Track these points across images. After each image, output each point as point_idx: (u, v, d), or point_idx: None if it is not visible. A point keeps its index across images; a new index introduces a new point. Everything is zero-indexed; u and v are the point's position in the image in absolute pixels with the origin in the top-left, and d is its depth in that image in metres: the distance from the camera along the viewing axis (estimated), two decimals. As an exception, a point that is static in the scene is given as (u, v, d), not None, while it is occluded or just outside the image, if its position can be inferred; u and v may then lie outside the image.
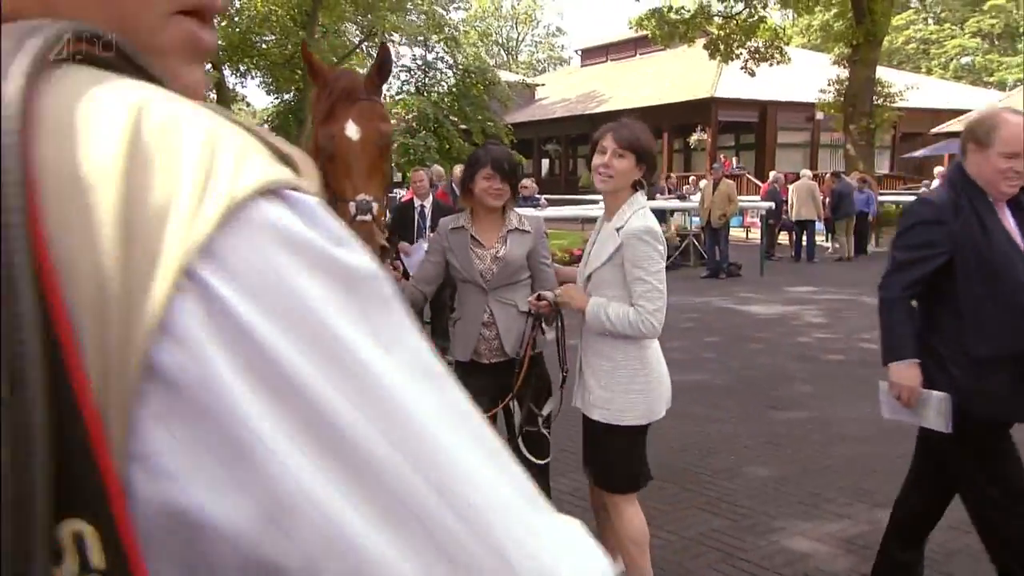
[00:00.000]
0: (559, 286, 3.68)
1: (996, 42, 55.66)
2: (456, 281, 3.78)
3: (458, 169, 10.36)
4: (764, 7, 27.17)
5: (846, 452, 6.18)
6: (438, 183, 11.57)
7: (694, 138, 31.95)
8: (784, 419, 7.04)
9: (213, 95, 38.64)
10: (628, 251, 3.41)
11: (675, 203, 19.78)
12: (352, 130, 3.19)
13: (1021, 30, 54.33)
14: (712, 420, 6.92)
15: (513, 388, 3.67)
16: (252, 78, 40.41)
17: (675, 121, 33.25)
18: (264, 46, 37.66)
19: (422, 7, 38.63)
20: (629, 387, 3.49)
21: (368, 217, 3.05)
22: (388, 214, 3.94)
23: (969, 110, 34.00)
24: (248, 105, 51.04)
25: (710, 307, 12.94)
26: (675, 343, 9.56)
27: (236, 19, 37.08)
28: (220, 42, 35.62)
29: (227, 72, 38.14)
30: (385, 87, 3.59)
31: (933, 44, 56.05)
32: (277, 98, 40.63)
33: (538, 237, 3.80)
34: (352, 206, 3.06)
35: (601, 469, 3.66)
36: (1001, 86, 43.46)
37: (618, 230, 3.44)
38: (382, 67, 3.42)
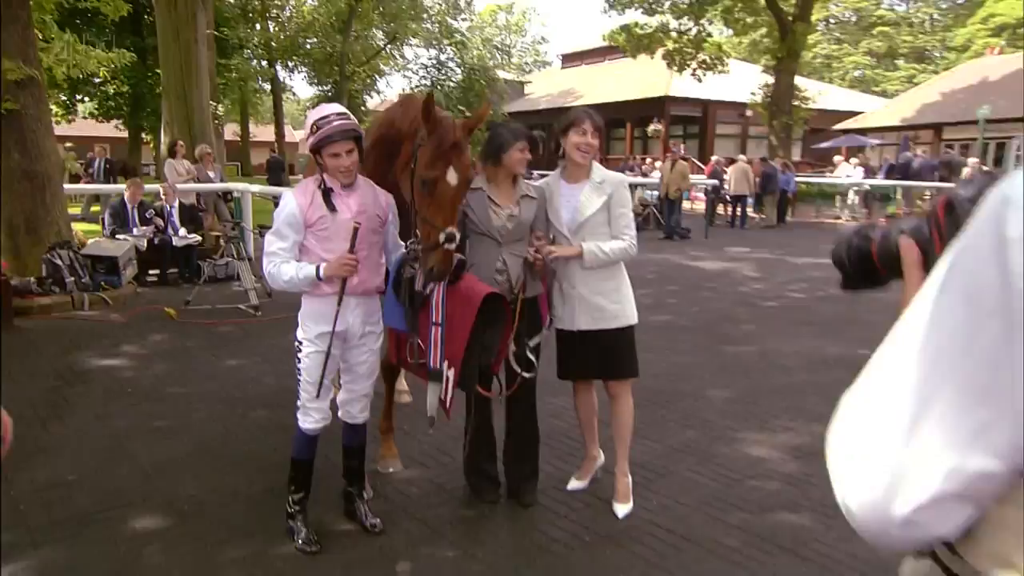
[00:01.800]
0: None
1: (881, 60, 55.87)
2: (470, 233, 3.68)
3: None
4: (710, 24, 27.03)
5: (785, 379, 6.15)
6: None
7: (651, 128, 31.92)
8: (734, 352, 7.01)
9: (268, 86, 38.19)
10: (617, 195, 3.68)
11: (640, 179, 19.73)
12: (452, 178, 3.19)
13: (900, 51, 54.91)
14: (677, 352, 6.87)
15: (512, 321, 3.60)
16: (298, 72, 39.84)
17: (636, 114, 33.17)
18: (308, 47, 37.05)
19: (436, 17, 38.14)
20: (627, 296, 3.80)
21: (452, 246, 3.15)
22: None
23: (861, 112, 34.37)
24: (294, 94, 50.36)
25: (668, 263, 12.83)
26: (643, 291, 9.51)
27: (287, 24, 36.52)
28: (273, 43, 35.44)
29: (279, 68, 37.52)
30: (404, 81, 3.57)
31: (834, 59, 56.25)
32: (318, 88, 39.96)
33: (541, 204, 3.73)
34: (442, 236, 3.11)
35: (621, 364, 3.83)
36: (884, 95, 43.58)
37: (599, 184, 3.66)
38: (480, 119, 3.59)
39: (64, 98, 26.19)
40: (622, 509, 3.76)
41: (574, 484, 4.04)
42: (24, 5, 8.45)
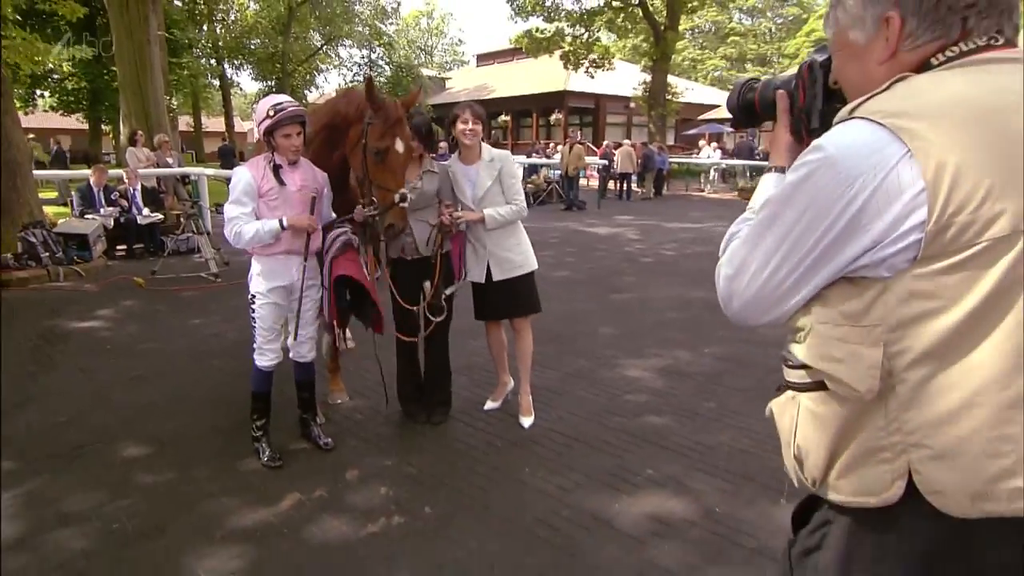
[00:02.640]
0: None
1: (734, 63, 57.54)
2: None
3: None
4: (598, 31, 27.16)
5: (657, 318, 6.36)
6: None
7: (553, 118, 31.93)
8: (620, 299, 7.20)
9: (217, 83, 36.47)
10: (505, 168, 3.77)
11: (544, 160, 19.87)
12: (399, 146, 3.34)
13: (748, 56, 56.65)
14: (574, 301, 7.02)
15: (433, 277, 3.72)
16: (244, 70, 38.11)
17: (539, 105, 33.08)
18: (252, 47, 35.45)
19: (366, 21, 37.01)
20: (527, 249, 3.90)
21: (405, 204, 3.31)
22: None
23: (719, 105, 35.16)
24: (241, 89, 48.17)
25: (568, 229, 13.00)
26: (547, 252, 9.71)
27: (232, 27, 34.82)
28: (220, 43, 33.78)
29: (226, 65, 35.81)
30: (339, 78, 3.66)
31: (698, 62, 57.46)
32: (262, 84, 38.34)
33: (443, 178, 3.77)
34: (396, 196, 3.28)
35: (525, 303, 3.93)
36: (737, 92, 45.05)
37: (490, 162, 3.76)
38: (414, 99, 3.67)
39: (21, 92, 24.46)
40: (527, 421, 3.93)
41: (489, 405, 4.17)
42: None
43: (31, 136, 18.99)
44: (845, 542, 1.09)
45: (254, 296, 3.39)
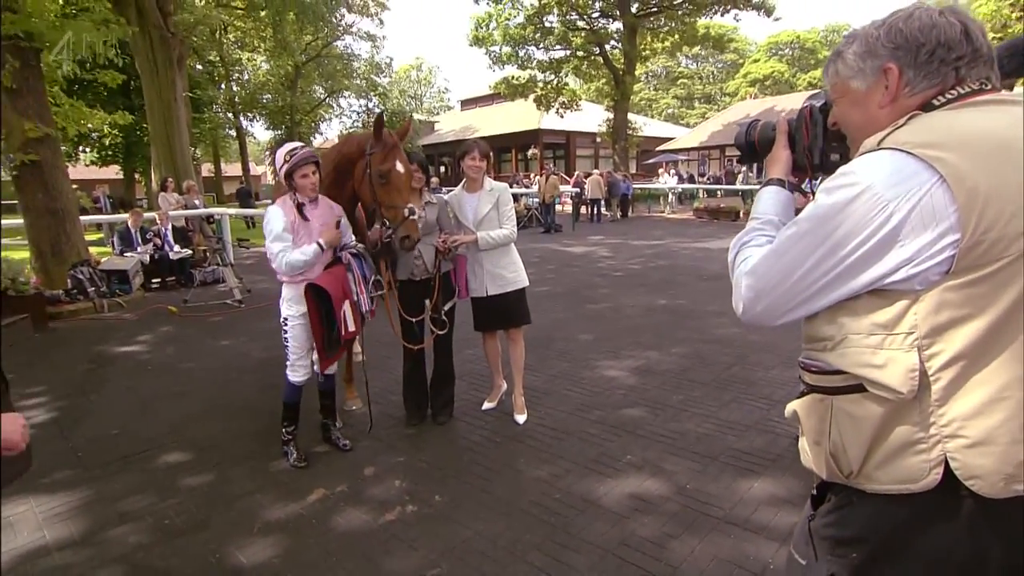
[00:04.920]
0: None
1: (684, 102, 58.38)
2: None
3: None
4: (566, 77, 27.36)
5: (628, 323, 6.36)
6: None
7: (530, 152, 32.04)
8: (595, 308, 7.18)
9: (234, 133, 36.38)
10: (502, 197, 3.78)
11: (523, 190, 19.99)
12: (400, 167, 3.34)
13: (696, 95, 57.74)
14: (554, 311, 7.01)
15: (433, 293, 3.73)
16: (257, 121, 37.98)
17: (517, 142, 33.23)
18: (264, 101, 35.42)
19: (363, 75, 37.13)
20: (519, 268, 3.92)
21: (415, 217, 3.30)
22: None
23: (673, 138, 35.62)
24: (255, 138, 48.04)
25: (547, 249, 13.02)
26: (530, 270, 9.57)
27: (246, 85, 34.81)
28: (236, 99, 33.74)
29: (242, 118, 35.77)
30: (340, 125, 3.68)
31: (653, 101, 58.33)
32: (274, 133, 38.19)
33: (441, 208, 3.80)
34: (406, 211, 3.28)
35: (518, 316, 3.93)
36: (688, 126, 45.51)
37: (490, 191, 3.77)
38: (406, 131, 3.60)
39: (67, 148, 24.30)
40: (520, 418, 3.94)
41: (486, 405, 4.18)
42: (39, 78, 7.92)
43: (76, 187, 19.02)
44: (869, 519, 1.08)
45: (286, 319, 3.36)
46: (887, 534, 1.05)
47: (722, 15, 23.87)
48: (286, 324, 3.38)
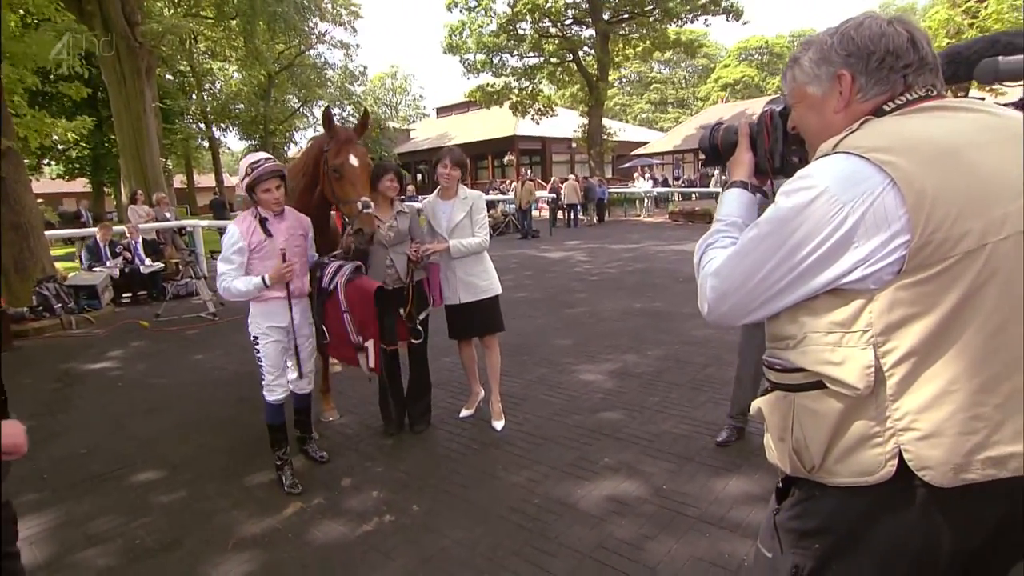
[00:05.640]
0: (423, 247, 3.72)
1: (657, 106, 59.10)
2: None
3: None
4: (541, 83, 27.54)
5: (606, 327, 6.38)
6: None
7: (505, 159, 32.32)
8: (572, 312, 7.21)
9: (206, 144, 35.92)
10: (476, 205, 3.78)
11: (500, 196, 20.03)
12: (354, 161, 3.25)
13: (669, 100, 58.70)
14: (533, 317, 7.03)
15: (407, 303, 3.70)
16: (230, 131, 37.53)
17: (494, 149, 33.33)
18: (237, 111, 35.03)
19: (338, 84, 36.92)
20: (492, 276, 3.91)
21: (369, 210, 3.19)
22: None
23: (648, 142, 35.97)
24: (228, 148, 47.46)
25: (525, 255, 13.05)
26: (507, 276, 9.74)
27: (218, 95, 34.42)
28: (208, 110, 33.34)
29: (214, 128, 35.33)
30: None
31: (627, 106, 58.89)
32: (247, 143, 37.78)
33: (413, 217, 3.78)
34: (359, 204, 3.17)
35: (492, 323, 3.93)
36: (662, 130, 46.04)
37: (463, 199, 3.77)
38: (364, 124, 3.49)
39: (31, 162, 23.74)
40: (498, 424, 3.94)
41: (464, 413, 4.17)
42: (0, 91, 7.75)
43: (40, 201, 18.59)
44: (831, 511, 1.10)
45: (256, 338, 3.22)
46: (847, 525, 1.08)
47: (692, 21, 24.24)
48: (257, 343, 3.23)
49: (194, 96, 32.85)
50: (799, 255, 1.02)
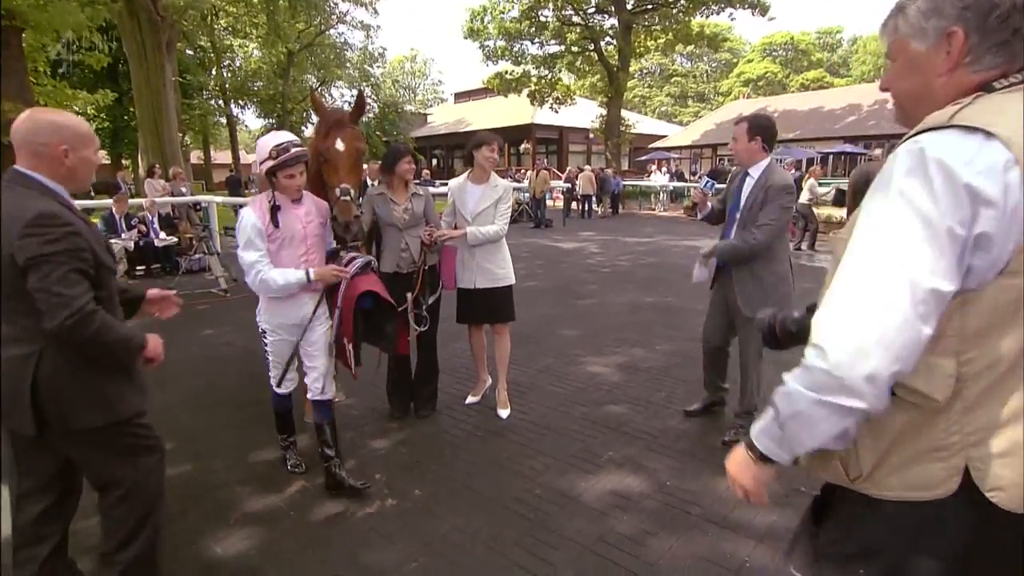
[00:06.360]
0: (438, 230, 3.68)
1: (677, 100, 58.41)
2: (381, 225, 3.66)
3: (375, 165, 9.62)
4: (560, 72, 27.31)
5: (615, 320, 6.37)
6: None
7: (522, 147, 32.14)
8: (582, 304, 7.19)
9: (224, 120, 36.04)
10: (504, 195, 3.74)
11: (515, 184, 19.95)
12: (340, 145, 3.08)
13: (689, 94, 57.87)
14: (543, 306, 7.00)
15: (414, 287, 3.68)
16: (248, 108, 37.66)
17: (511, 137, 32.93)
18: (256, 88, 35.11)
19: (356, 65, 36.86)
20: (508, 264, 3.90)
21: (347, 198, 2.97)
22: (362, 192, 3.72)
23: (666, 135, 35.64)
24: (246, 126, 47.60)
25: (537, 244, 13.01)
26: (519, 265, 9.57)
27: (237, 72, 34.49)
28: (227, 86, 33.46)
29: (232, 105, 35.43)
30: None
31: (647, 98, 58.28)
32: (265, 121, 37.91)
33: (427, 201, 3.75)
34: (338, 191, 2.99)
35: (504, 311, 3.91)
36: (681, 124, 45.60)
37: (494, 187, 3.74)
38: (359, 107, 3.24)
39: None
40: (504, 412, 3.95)
41: (470, 399, 4.18)
42: (21, 59, 7.80)
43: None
44: (878, 529, 1.01)
45: (264, 331, 3.03)
46: (896, 545, 1.00)
47: (717, 14, 23.88)
48: (265, 337, 3.04)
49: (213, 72, 32.98)
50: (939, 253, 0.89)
